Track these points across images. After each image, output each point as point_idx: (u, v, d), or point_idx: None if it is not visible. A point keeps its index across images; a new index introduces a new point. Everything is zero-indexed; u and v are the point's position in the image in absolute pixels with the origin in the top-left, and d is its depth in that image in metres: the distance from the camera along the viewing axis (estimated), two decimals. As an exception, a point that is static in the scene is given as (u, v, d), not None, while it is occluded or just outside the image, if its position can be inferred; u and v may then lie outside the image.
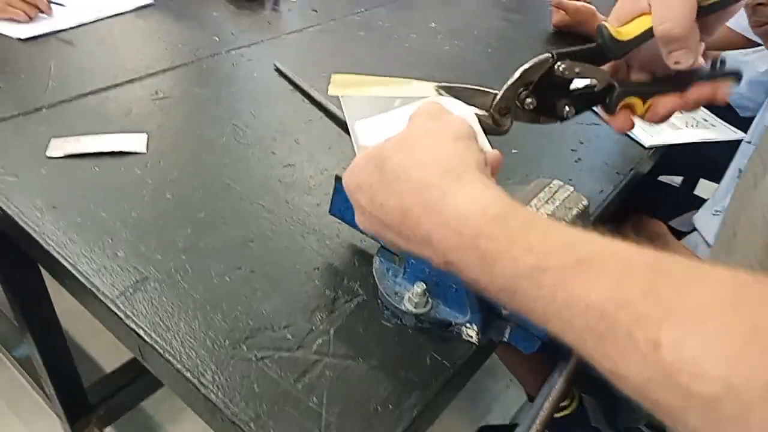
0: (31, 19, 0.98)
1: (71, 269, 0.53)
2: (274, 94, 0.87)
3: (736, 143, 0.92)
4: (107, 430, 1.17)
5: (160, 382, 0.65)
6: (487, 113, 0.45)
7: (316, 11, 1.20)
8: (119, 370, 1.20)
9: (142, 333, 0.48)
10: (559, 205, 0.47)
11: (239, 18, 1.14)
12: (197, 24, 1.09)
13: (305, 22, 1.14)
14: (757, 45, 1.09)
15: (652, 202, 1.09)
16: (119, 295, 0.51)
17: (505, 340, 0.50)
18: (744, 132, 0.92)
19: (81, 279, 0.53)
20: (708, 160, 1.12)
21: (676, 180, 1.58)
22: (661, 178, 1.35)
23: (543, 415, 0.50)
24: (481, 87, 0.45)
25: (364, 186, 0.38)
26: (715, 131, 0.92)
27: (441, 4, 1.35)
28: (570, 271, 0.28)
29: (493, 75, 1.01)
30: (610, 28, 0.42)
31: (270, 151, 0.72)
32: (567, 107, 0.46)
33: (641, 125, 0.79)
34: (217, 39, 1.02)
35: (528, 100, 0.45)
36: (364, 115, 0.45)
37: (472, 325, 0.49)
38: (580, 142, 0.83)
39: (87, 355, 1.30)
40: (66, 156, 0.67)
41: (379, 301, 0.52)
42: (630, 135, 0.85)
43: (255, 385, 0.45)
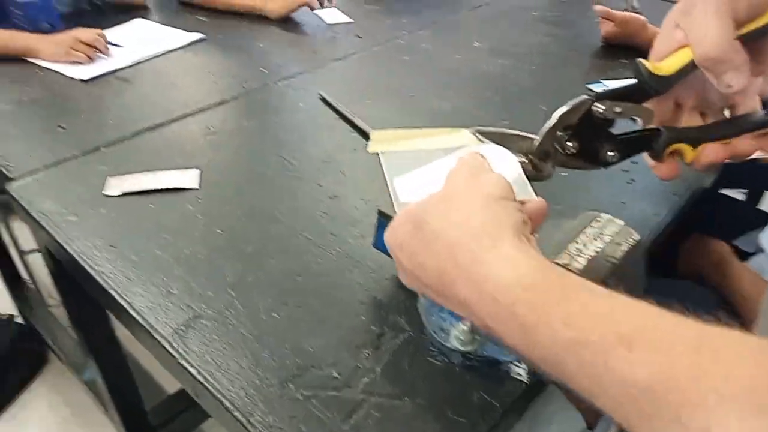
0: (92, 61, 1.04)
1: (127, 307, 0.56)
2: (319, 124, 0.88)
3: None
4: (167, 451, 1.21)
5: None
6: (526, 160, 0.43)
7: (360, 37, 1.22)
8: (180, 393, 1.23)
9: (194, 372, 0.49)
10: (609, 241, 0.46)
11: (285, 48, 1.17)
12: (247, 56, 1.12)
13: (350, 49, 1.15)
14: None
15: (712, 218, 1.04)
16: (172, 333, 0.53)
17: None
18: None
19: (136, 316, 0.55)
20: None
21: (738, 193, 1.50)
22: (723, 191, 1.28)
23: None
24: (520, 132, 0.44)
25: (404, 245, 0.39)
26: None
27: (484, 22, 1.34)
28: (611, 347, 0.27)
29: (535, 92, 0.99)
30: (646, 63, 0.40)
31: (316, 183, 0.74)
32: (610, 152, 0.43)
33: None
34: (264, 71, 1.05)
35: (569, 144, 0.43)
36: (403, 170, 0.44)
37: (521, 363, 0.48)
38: (633, 161, 0.80)
39: (150, 377, 1.35)
40: (122, 194, 0.70)
41: (424, 336, 0.52)
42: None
43: (302, 426, 0.45)
